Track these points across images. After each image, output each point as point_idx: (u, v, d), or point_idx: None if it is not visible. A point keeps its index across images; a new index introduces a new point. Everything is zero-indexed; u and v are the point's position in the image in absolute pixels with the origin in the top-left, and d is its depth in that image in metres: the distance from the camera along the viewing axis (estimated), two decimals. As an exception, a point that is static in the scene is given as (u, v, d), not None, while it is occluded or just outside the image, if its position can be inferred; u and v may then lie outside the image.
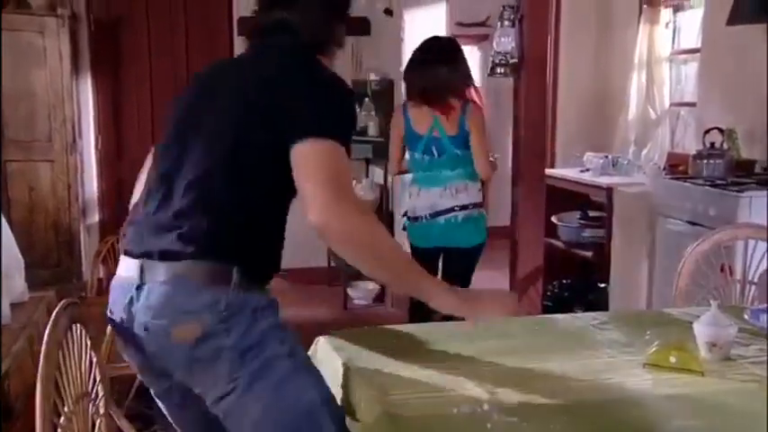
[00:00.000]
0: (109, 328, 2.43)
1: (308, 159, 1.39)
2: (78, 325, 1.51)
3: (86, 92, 4.69)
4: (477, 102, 3.61)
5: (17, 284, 2.69)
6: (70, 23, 4.24)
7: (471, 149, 2.97)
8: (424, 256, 2.93)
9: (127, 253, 1.51)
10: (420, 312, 3.83)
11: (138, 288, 1.44)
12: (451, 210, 3.02)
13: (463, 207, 3.02)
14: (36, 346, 2.26)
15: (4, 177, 4.20)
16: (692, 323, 1.68)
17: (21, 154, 4.22)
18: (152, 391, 1.60)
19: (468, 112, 2.97)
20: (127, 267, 1.49)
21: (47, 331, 1.41)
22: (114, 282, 1.53)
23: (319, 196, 1.36)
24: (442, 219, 3.02)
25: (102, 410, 1.60)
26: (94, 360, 1.57)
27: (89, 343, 1.56)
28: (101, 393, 1.60)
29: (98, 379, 1.58)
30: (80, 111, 4.56)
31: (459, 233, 3.03)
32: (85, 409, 1.54)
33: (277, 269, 1.55)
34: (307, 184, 1.38)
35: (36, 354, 2.16)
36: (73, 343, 1.51)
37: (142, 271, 1.44)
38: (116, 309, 1.49)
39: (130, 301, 1.45)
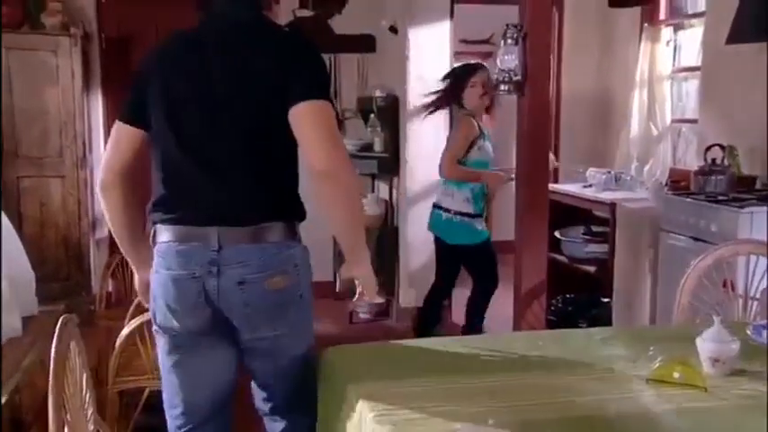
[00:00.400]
0: (118, 342, 2.49)
1: (315, 118, 1.70)
2: (73, 342, 1.55)
3: (97, 108, 4.75)
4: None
5: (28, 298, 2.72)
6: (82, 42, 4.32)
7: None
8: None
9: (181, 221, 1.74)
10: (426, 327, 3.94)
11: (220, 250, 1.70)
12: (439, 207, 3.75)
13: (446, 210, 3.71)
14: (46, 359, 2.30)
15: (16, 192, 4.26)
16: (695, 339, 1.70)
17: (33, 170, 4.28)
18: (179, 335, 1.79)
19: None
20: (191, 234, 1.72)
21: (53, 347, 1.45)
22: (178, 246, 1.73)
23: (328, 149, 1.67)
24: (435, 210, 3.79)
25: (92, 424, 1.63)
26: (84, 376, 1.60)
27: (79, 360, 1.59)
28: (92, 408, 1.63)
29: (91, 394, 1.62)
30: (90, 127, 4.63)
31: (443, 229, 3.76)
32: (85, 421, 1.58)
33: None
34: (313, 140, 1.68)
35: (46, 367, 2.20)
36: (75, 358, 1.55)
37: (219, 236, 1.70)
38: (192, 267, 1.72)
39: (213, 261, 1.70)
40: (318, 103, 1.69)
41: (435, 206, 3.81)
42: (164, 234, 1.77)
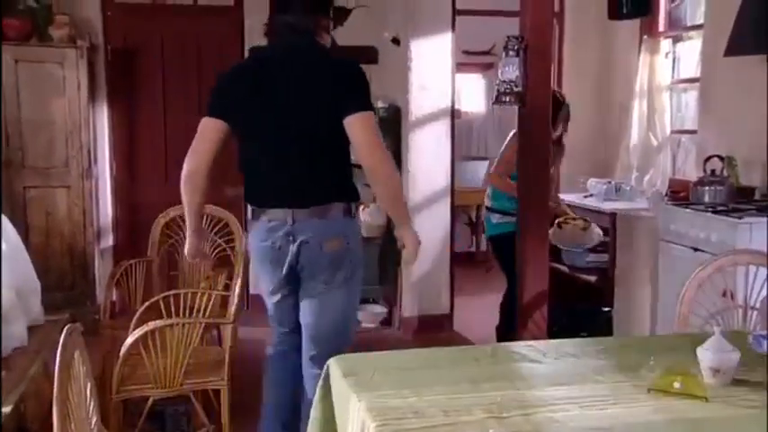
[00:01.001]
0: (122, 350, 2.52)
1: (363, 125, 2.30)
2: (77, 351, 1.58)
3: (102, 119, 4.79)
4: None
5: (34, 307, 2.75)
6: (88, 54, 4.36)
7: None
8: None
9: (266, 206, 2.42)
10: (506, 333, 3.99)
11: (293, 224, 2.36)
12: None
13: (486, 208, 4.07)
14: (51, 368, 2.31)
15: (23, 202, 4.29)
16: (695, 348, 1.72)
17: (39, 180, 4.32)
18: (271, 284, 2.51)
19: None
20: (275, 214, 2.40)
21: (58, 357, 1.48)
22: (262, 224, 2.43)
23: (373, 149, 2.30)
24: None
25: None
26: (89, 385, 1.62)
27: (84, 370, 1.61)
28: (96, 417, 1.66)
29: (95, 404, 1.64)
30: (96, 138, 4.66)
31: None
32: (89, 430, 1.60)
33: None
34: (362, 142, 2.30)
35: (51, 376, 2.22)
36: (79, 367, 1.57)
37: (293, 215, 2.36)
38: (273, 238, 2.40)
39: (288, 233, 2.37)
40: (365, 114, 2.29)
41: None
42: (256, 216, 2.47)
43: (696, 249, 3.22)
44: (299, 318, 2.54)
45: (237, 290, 2.77)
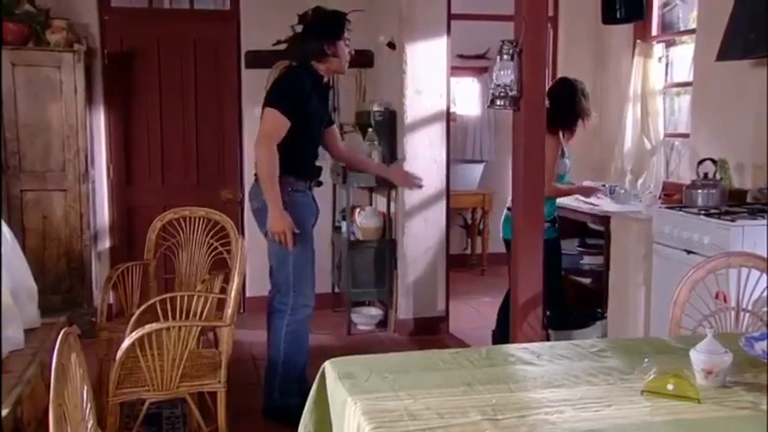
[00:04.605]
0: (119, 353, 2.53)
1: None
2: (74, 354, 1.59)
3: (99, 123, 4.80)
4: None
5: (30, 311, 2.74)
6: (85, 58, 4.37)
7: None
8: None
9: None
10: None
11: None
12: None
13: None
14: (47, 371, 2.32)
15: (20, 205, 4.30)
16: (688, 350, 1.73)
17: (36, 184, 4.33)
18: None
19: None
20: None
21: (54, 360, 1.48)
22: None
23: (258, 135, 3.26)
24: None
25: None
26: (85, 388, 1.63)
27: (80, 373, 1.62)
28: (92, 420, 1.66)
29: (91, 406, 1.65)
30: (92, 141, 4.67)
31: None
32: None
33: None
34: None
35: (47, 379, 2.22)
36: (75, 370, 1.59)
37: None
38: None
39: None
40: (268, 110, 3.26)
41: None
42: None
43: (689, 252, 3.25)
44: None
45: (233, 292, 2.78)
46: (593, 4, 4.54)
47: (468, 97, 6.79)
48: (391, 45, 4.67)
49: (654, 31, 4.63)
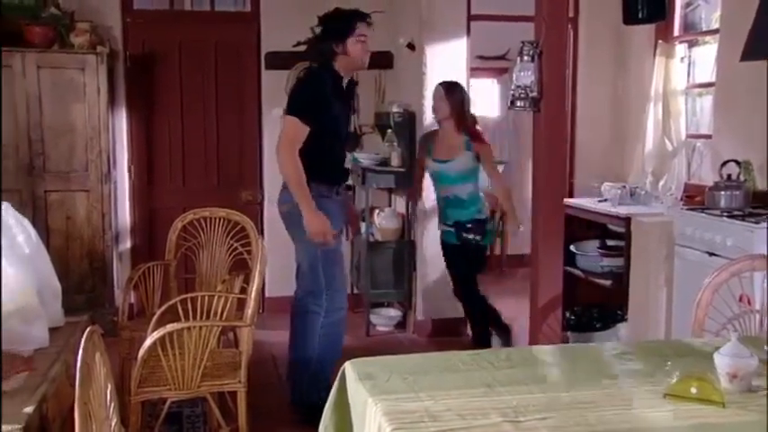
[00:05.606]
0: (141, 352, 2.56)
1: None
2: (98, 353, 1.61)
3: (121, 124, 4.85)
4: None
5: (55, 309, 2.78)
6: (108, 60, 4.43)
7: None
8: None
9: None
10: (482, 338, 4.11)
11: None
12: None
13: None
14: (71, 370, 2.35)
15: (44, 206, 4.36)
16: (712, 354, 1.72)
17: (60, 184, 4.38)
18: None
19: None
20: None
21: (79, 359, 1.50)
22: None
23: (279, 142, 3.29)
24: None
25: None
26: (110, 387, 1.65)
27: (104, 371, 1.64)
28: (116, 418, 1.68)
29: (114, 405, 1.67)
30: (115, 142, 4.73)
31: None
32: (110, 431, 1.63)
33: None
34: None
35: (71, 378, 2.25)
36: (100, 369, 1.61)
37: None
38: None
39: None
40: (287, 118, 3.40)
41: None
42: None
43: (712, 254, 3.22)
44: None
45: (254, 293, 2.80)
46: (613, 5, 4.51)
47: (487, 98, 6.77)
48: (411, 46, 4.67)
49: (676, 31, 4.58)
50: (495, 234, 4.69)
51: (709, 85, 4.30)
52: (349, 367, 1.84)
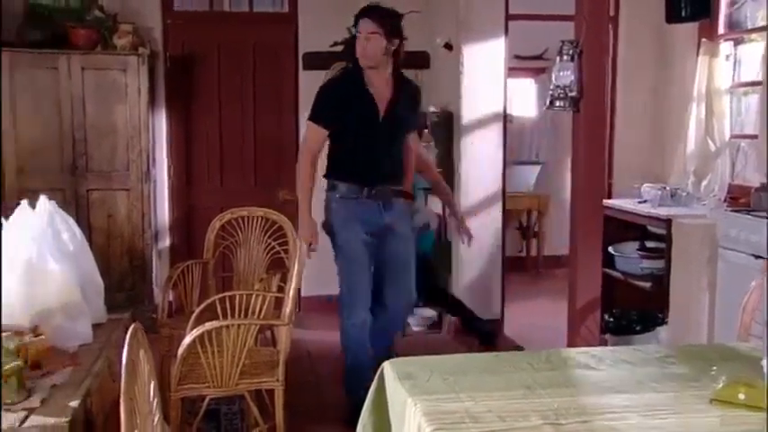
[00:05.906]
0: (180, 349, 2.59)
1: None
2: (142, 350, 1.63)
3: (161, 124, 4.92)
4: None
5: (97, 306, 2.84)
6: (149, 61, 4.51)
7: None
8: None
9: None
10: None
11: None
12: None
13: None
14: (114, 366, 2.39)
15: (87, 204, 4.46)
16: (758, 359, 1.69)
17: (102, 183, 4.48)
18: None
19: None
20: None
21: (124, 355, 1.52)
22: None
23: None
24: None
25: (158, 429, 1.71)
26: (153, 383, 1.68)
27: (147, 368, 1.66)
28: (158, 414, 1.70)
29: (157, 401, 1.69)
30: (154, 142, 4.81)
31: None
32: (152, 427, 1.65)
33: None
34: None
35: (114, 374, 2.29)
36: (144, 365, 1.63)
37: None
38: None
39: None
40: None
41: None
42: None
43: (758, 257, 3.14)
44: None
45: (291, 292, 2.82)
46: (654, 4, 4.43)
47: (524, 98, 6.72)
48: (448, 46, 4.66)
49: (720, 30, 4.48)
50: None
51: (756, 83, 4.19)
52: (388, 367, 1.84)
